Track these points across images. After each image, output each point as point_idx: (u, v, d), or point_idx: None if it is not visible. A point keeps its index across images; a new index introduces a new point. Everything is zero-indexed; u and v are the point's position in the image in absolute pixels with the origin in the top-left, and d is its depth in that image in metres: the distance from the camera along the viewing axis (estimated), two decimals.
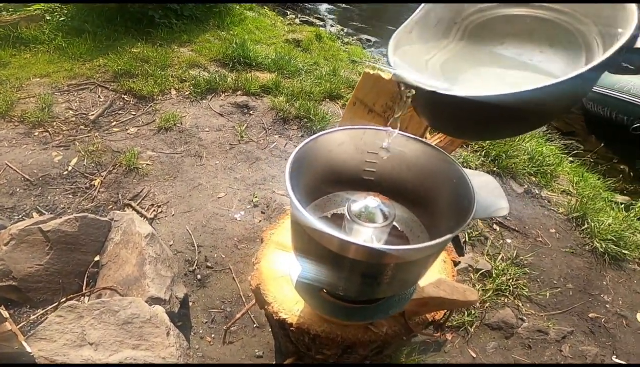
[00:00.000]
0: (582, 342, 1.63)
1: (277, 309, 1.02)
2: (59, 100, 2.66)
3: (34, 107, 2.51)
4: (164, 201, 2.07)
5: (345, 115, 1.47)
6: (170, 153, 2.37)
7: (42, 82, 2.83)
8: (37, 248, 1.49)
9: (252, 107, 2.84)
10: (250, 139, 2.57)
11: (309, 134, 2.65)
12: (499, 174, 2.48)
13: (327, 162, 0.95)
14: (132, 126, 2.55)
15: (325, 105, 2.98)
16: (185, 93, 2.92)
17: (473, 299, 0.93)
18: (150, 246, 1.54)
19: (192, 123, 2.62)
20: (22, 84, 2.78)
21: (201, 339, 1.46)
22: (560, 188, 2.48)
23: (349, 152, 0.97)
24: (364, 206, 0.86)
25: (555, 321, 1.67)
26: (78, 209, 1.93)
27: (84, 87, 2.83)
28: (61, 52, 3.23)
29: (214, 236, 1.91)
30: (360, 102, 1.42)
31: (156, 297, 1.36)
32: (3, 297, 1.42)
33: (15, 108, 2.50)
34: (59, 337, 1.13)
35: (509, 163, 2.48)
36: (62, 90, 2.77)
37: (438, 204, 0.91)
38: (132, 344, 1.17)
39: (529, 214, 2.26)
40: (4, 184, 1.99)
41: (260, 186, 2.26)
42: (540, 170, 2.52)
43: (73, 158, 2.21)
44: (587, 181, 2.59)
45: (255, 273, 1.12)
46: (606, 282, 1.91)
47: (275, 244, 1.20)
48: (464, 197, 0.78)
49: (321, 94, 3.04)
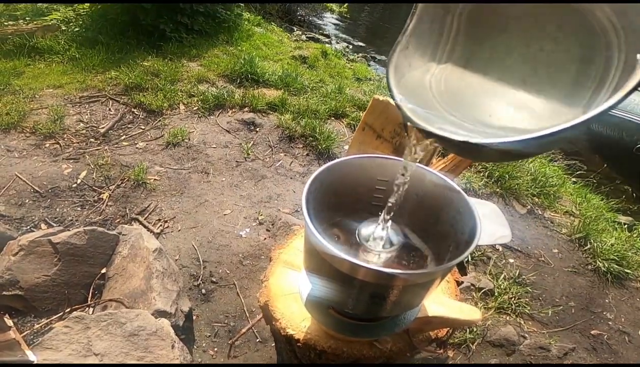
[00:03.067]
0: (583, 359, 1.63)
1: (285, 325, 1.05)
2: (70, 112, 2.73)
3: (46, 118, 2.58)
4: (170, 216, 2.11)
5: (354, 139, 1.52)
6: (177, 169, 2.43)
7: (55, 93, 2.91)
8: (45, 259, 1.52)
9: (258, 125, 2.91)
10: (257, 157, 2.63)
11: (315, 153, 2.72)
12: (502, 195, 2.51)
13: (339, 188, 1.01)
14: (141, 140, 2.61)
15: (330, 123, 3.05)
16: (193, 108, 3.00)
17: (475, 318, 0.96)
18: (158, 261, 1.58)
19: (199, 139, 2.69)
20: (36, 94, 2.86)
21: (204, 353, 1.47)
22: (563, 209, 2.50)
23: (360, 180, 1.03)
24: (372, 231, 0.91)
25: (557, 338, 1.68)
26: (86, 222, 1.97)
27: (95, 100, 2.91)
28: (74, 63, 3.34)
29: (219, 251, 1.95)
30: (369, 128, 1.47)
31: (162, 311, 1.39)
32: (8, 306, 1.45)
33: (27, 119, 2.57)
34: (64, 347, 1.15)
35: (512, 184, 2.52)
36: (74, 102, 2.85)
37: (444, 231, 0.95)
38: (137, 356, 1.19)
39: (531, 234, 2.28)
40: (14, 195, 2.04)
41: (265, 203, 2.30)
42: (543, 191, 2.55)
43: (82, 171, 2.27)
44: (590, 202, 2.62)
45: (264, 290, 1.16)
46: (609, 300, 1.91)
47: (283, 262, 1.23)
48: (469, 226, 0.81)
49: (327, 113, 3.11)
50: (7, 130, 2.46)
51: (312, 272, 0.94)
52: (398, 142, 1.44)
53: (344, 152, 2.66)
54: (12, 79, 3.00)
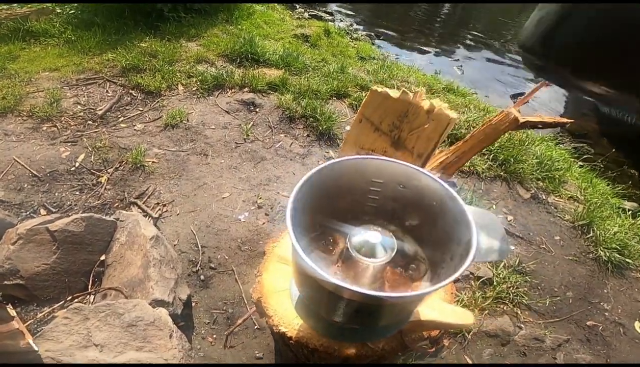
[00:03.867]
0: (577, 350, 1.64)
1: (277, 323, 1.05)
2: (67, 95, 2.69)
3: (43, 101, 2.55)
4: (169, 199, 2.11)
5: (351, 132, 1.48)
6: (176, 151, 2.40)
7: (52, 76, 2.87)
8: (44, 248, 1.53)
9: (258, 105, 2.85)
10: (256, 138, 2.59)
11: (315, 134, 2.67)
12: (506, 179, 2.47)
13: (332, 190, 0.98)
14: (139, 122, 2.58)
15: (332, 104, 2.98)
16: (192, 89, 2.94)
17: (468, 322, 0.96)
18: (155, 248, 1.58)
19: (198, 120, 2.65)
20: (32, 77, 2.82)
21: (203, 340, 1.50)
22: (567, 194, 2.46)
23: (354, 182, 1.00)
24: (364, 239, 0.89)
25: (553, 329, 1.69)
26: (85, 206, 1.98)
27: (92, 82, 2.86)
28: (71, 46, 3.27)
29: (217, 236, 1.95)
30: (367, 120, 1.42)
31: (160, 300, 1.40)
32: (10, 296, 1.47)
33: (24, 102, 2.54)
34: (65, 338, 1.18)
35: (517, 168, 2.47)
36: (71, 85, 2.80)
37: (441, 237, 0.93)
38: (136, 346, 1.22)
39: (534, 220, 2.26)
40: (12, 179, 2.03)
41: (264, 186, 2.28)
42: (548, 176, 2.50)
43: (80, 154, 2.25)
44: (596, 187, 2.57)
45: (257, 286, 1.16)
46: (607, 291, 1.91)
47: (277, 257, 1.23)
48: (465, 237, 0.79)
49: (328, 93, 3.03)
50: (3, 115, 2.44)
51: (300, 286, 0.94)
52: (397, 136, 1.39)
53: (345, 133, 2.61)
54: (7, 63, 2.95)
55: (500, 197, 2.39)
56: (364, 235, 0.90)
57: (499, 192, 2.43)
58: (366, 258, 0.86)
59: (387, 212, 1.06)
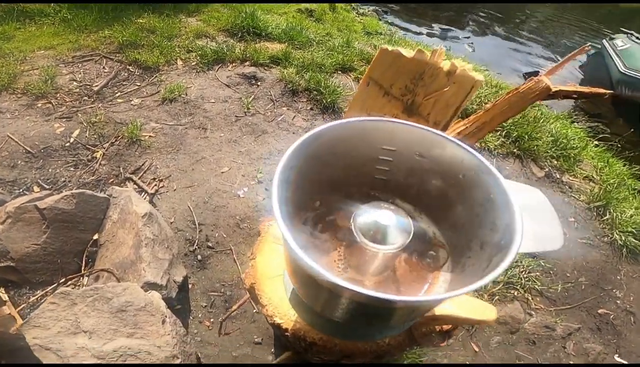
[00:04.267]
0: (587, 339, 1.57)
1: (272, 313, 0.97)
2: (63, 72, 2.59)
3: (38, 79, 2.45)
4: (166, 174, 2.02)
5: (356, 98, 1.33)
6: (174, 125, 2.30)
7: (47, 55, 2.76)
8: (33, 227, 1.46)
9: (260, 79, 2.73)
10: (257, 111, 2.47)
11: (319, 107, 2.54)
12: (519, 157, 2.35)
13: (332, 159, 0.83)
14: (136, 97, 2.47)
15: (337, 77, 2.84)
16: (191, 64, 2.83)
17: (490, 318, 0.84)
18: (148, 226, 1.50)
19: (197, 94, 2.53)
20: (26, 56, 2.71)
21: (200, 324, 1.45)
22: (583, 173, 2.33)
23: (358, 149, 0.85)
24: (373, 220, 0.73)
25: (564, 317, 1.62)
26: (79, 182, 1.90)
27: (88, 59, 2.75)
28: (66, 24, 3.14)
29: (215, 213, 1.87)
30: (375, 83, 1.27)
31: (152, 283, 1.33)
32: (2, 279, 1.41)
33: (18, 80, 2.44)
34: (53, 324, 1.12)
35: (531, 145, 2.34)
36: (67, 62, 2.70)
37: (466, 222, 0.77)
38: (126, 333, 1.16)
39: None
40: (6, 156, 1.96)
41: (265, 160, 2.18)
42: (563, 154, 2.37)
43: (75, 130, 2.17)
44: (612, 167, 2.44)
45: (250, 271, 1.06)
46: (620, 277, 1.83)
47: (273, 237, 1.13)
48: (503, 221, 0.62)
49: (333, 66, 2.90)
50: None
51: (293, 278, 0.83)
52: (410, 101, 1.24)
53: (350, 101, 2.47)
54: (1, 43, 2.83)
55: (512, 175, 2.27)
56: (372, 215, 0.74)
57: (512, 170, 2.30)
58: (375, 244, 0.71)
59: (399, 186, 0.90)
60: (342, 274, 0.80)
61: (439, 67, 1.14)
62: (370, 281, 0.77)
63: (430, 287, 0.77)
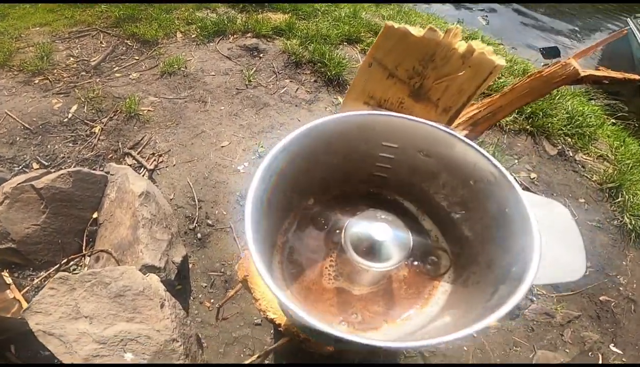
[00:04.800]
0: (585, 327, 1.56)
1: (265, 307, 0.95)
2: (59, 48, 2.51)
3: (33, 56, 2.38)
4: (165, 149, 1.98)
5: (357, 79, 1.23)
6: (173, 98, 2.23)
7: (42, 31, 2.66)
8: (32, 207, 1.45)
9: (262, 50, 2.61)
10: (259, 84, 2.37)
11: (323, 79, 2.43)
12: (532, 133, 2.24)
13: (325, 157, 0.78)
14: (135, 71, 2.40)
15: (342, 49, 2.69)
16: (191, 36, 2.71)
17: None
18: (145, 206, 1.47)
19: (197, 67, 2.44)
20: (21, 34, 2.62)
21: (200, 305, 1.46)
22: (597, 152, 2.23)
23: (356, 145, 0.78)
24: (366, 234, 0.66)
25: (565, 304, 1.60)
26: (78, 158, 1.87)
27: (85, 34, 2.65)
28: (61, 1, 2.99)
29: (215, 189, 1.85)
30: (379, 64, 1.16)
31: (150, 265, 1.33)
32: (5, 261, 1.41)
33: (14, 58, 2.38)
34: (54, 310, 1.13)
35: (545, 122, 2.22)
36: (63, 38, 2.60)
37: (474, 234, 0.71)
38: (126, 317, 1.17)
39: (559, 179, 2.08)
40: (4, 133, 1.93)
41: (267, 134, 2.13)
42: (578, 132, 2.25)
43: (73, 105, 2.12)
44: (628, 147, 2.32)
45: (243, 261, 1.04)
46: (626, 263, 1.78)
47: None
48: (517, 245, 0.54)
49: (338, 38, 2.74)
50: None
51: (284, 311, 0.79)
52: (417, 84, 1.14)
53: None
54: None
55: (524, 152, 2.19)
56: (366, 227, 0.67)
57: (523, 147, 2.21)
58: (367, 262, 0.65)
59: (401, 184, 0.84)
60: (333, 281, 0.77)
61: (454, 48, 1.02)
62: (362, 290, 0.74)
63: (428, 298, 0.73)
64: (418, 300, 0.73)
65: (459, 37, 1.02)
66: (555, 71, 1.19)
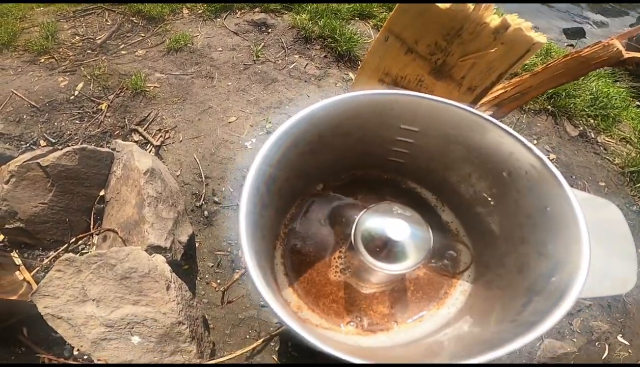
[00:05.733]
0: (595, 317, 1.51)
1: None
2: (64, 27, 2.43)
3: (38, 35, 2.31)
4: (171, 125, 1.93)
5: (371, 54, 1.12)
6: (179, 74, 2.15)
7: (46, 11, 2.57)
8: (38, 185, 1.42)
9: (270, 25, 2.49)
10: (267, 59, 2.27)
11: (334, 55, 2.31)
12: (553, 113, 2.12)
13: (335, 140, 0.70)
14: (141, 48, 2.32)
15: (354, 24, 2.56)
16: (198, 12, 2.59)
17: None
18: (150, 184, 1.43)
19: (204, 43, 2.35)
20: (25, 14, 2.53)
21: (207, 285, 1.44)
22: (620, 135, 2.10)
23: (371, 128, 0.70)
24: (381, 232, 0.58)
25: None
26: (85, 135, 1.83)
27: (90, 13, 2.55)
28: None
29: (222, 165, 1.80)
30: (396, 38, 1.04)
31: (156, 246, 1.30)
32: (15, 241, 1.40)
33: (18, 38, 2.31)
34: (61, 293, 1.12)
35: (567, 102, 2.09)
36: (68, 17, 2.51)
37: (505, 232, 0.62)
38: (132, 300, 1.15)
39: (579, 161, 1.98)
40: (11, 112, 1.90)
41: (275, 109, 2.06)
42: (602, 113, 2.12)
43: (79, 83, 2.07)
44: None
45: None
46: None
47: None
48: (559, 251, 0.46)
49: (350, 12, 2.60)
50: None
51: None
52: (440, 61, 1.01)
53: None
54: None
55: (544, 133, 2.08)
56: (381, 224, 0.59)
57: (543, 127, 2.10)
58: (380, 263, 0.58)
59: (418, 171, 0.75)
60: (340, 275, 0.72)
61: (484, 22, 0.90)
62: (371, 289, 0.69)
63: (444, 298, 0.67)
64: (433, 300, 0.67)
65: (492, 10, 0.91)
66: (596, 52, 1.06)
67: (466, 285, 0.66)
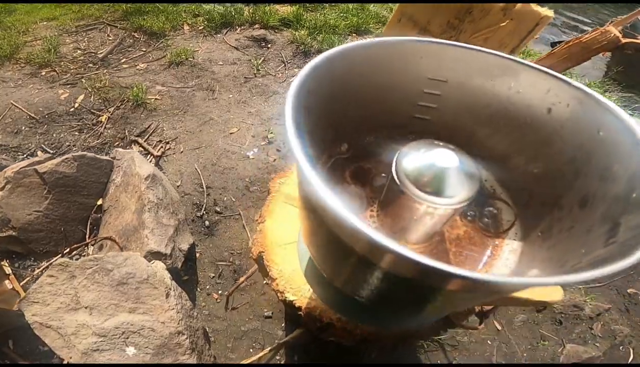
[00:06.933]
0: (615, 321, 1.42)
1: (283, 288, 0.82)
2: (66, 41, 2.44)
3: (40, 48, 2.31)
4: (172, 136, 1.88)
5: (385, 34, 1.11)
6: (180, 87, 2.14)
7: (49, 25, 2.60)
8: (34, 192, 1.35)
9: (270, 41, 2.54)
10: (268, 73, 2.28)
11: None
12: None
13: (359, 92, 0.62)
14: (142, 62, 2.33)
15: (351, 40, 2.59)
16: (198, 28, 2.64)
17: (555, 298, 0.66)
18: (151, 189, 1.37)
19: (205, 57, 2.37)
20: (28, 28, 2.55)
21: (208, 296, 1.35)
22: None
23: (396, 79, 0.63)
24: (426, 161, 0.50)
25: (594, 296, 1.46)
26: (84, 146, 1.77)
27: (92, 28, 2.59)
28: None
29: (224, 175, 1.74)
30: (409, 19, 1.03)
31: (156, 252, 1.22)
32: (5, 250, 1.31)
33: (20, 51, 2.31)
34: (52, 300, 1.03)
35: None
36: (70, 32, 2.54)
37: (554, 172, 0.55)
38: (128, 308, 1.06)
39: None
40: (9, 123, 1.85)
41: (276, 120, 2.03)
42: None
43: (80, 95, 2.04)
44: None
45: (258, 237, 0.91)
46: None
47: (284, 197, 0.96)
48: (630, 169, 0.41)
49: (347, 29, 2.68)
50: (0, 63, 2.21)
51: (309, 238, 0.61)
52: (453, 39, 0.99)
53: None
54: (2, 17, 2.67)
55: None
56: (425, 155, 0.51)
57: None
58: (428, 196, 0.48)
59: (445, 129, 0.68)
60: None
61: None
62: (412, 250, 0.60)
63: (491, 260, 0.59)
64: (478, 263, 0.59)
65: None
66: (595, 38, 1.08)
67: (515, 244, 0.60)
